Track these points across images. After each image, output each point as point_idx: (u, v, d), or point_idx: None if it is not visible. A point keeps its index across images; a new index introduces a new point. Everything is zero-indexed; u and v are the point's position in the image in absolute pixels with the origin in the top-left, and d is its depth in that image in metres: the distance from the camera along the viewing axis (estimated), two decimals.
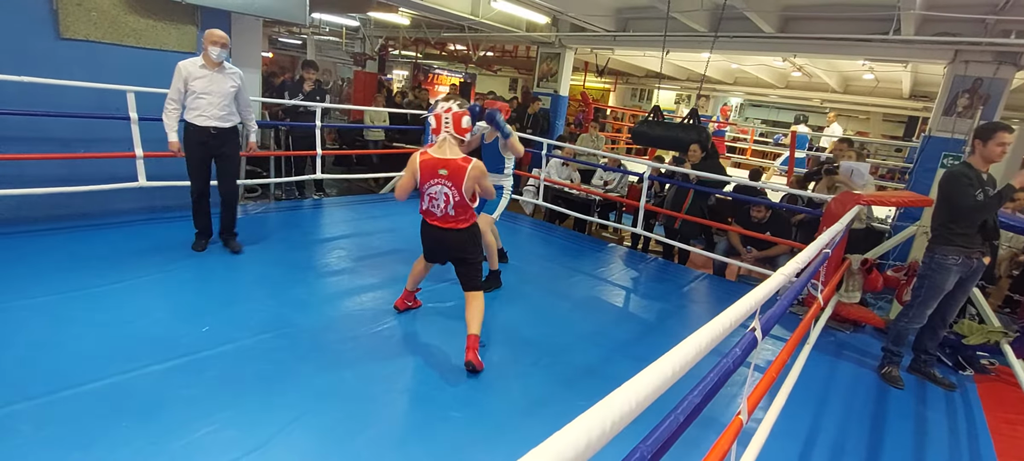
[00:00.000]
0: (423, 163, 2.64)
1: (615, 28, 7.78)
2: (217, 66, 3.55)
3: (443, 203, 2.63)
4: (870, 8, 5.70)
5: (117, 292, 3.04)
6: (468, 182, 2.58)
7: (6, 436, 1.88)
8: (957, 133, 5.49)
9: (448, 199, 2.62)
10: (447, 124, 2.62)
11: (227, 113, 3.64)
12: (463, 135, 2.66)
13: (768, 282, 1.56)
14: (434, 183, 2.63)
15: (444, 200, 2.63)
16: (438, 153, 2.61)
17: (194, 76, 3.48)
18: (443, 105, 2.65)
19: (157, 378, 2.31)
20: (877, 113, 13.22)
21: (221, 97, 3.58)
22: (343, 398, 2.34)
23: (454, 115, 2.62)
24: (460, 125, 2.63)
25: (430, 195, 2.66)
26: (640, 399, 0.76)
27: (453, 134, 2.64)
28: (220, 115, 3.60)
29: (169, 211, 4.60)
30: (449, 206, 2.64)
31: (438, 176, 2.60)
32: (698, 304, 4.30)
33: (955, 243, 3.01)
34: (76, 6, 3.92)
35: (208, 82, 3.51)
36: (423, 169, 2.64)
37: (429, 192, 2.66)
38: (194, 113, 3.54)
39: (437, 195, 2.63)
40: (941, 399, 3.14)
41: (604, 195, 6.15)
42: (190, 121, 3.56)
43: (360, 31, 12.12)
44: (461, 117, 2.63)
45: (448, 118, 2.62)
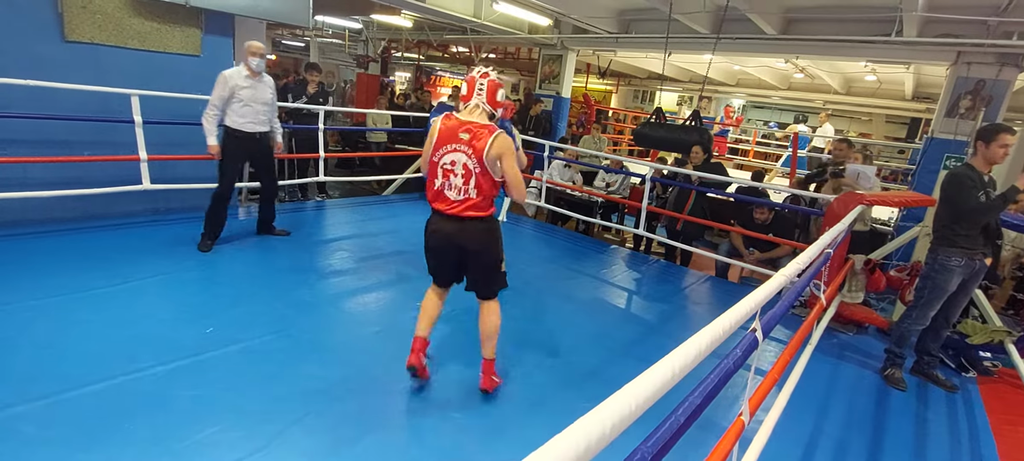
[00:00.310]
0: (444, 126, 2.18)
1: (617, 30, 7.78)
2: (257, 75, 3.82)
3: (462, 179, 2.15)
4: (872, 10, 5.70)
5: (121, 294, 3.06)
6: (491, 152, 2.11)
7: (10, 437, 1.89)
8: (960, 135, 5.48)
9: (468, 173, 2.13)
10: (481, 91, 2.20)
11: (268, 118, 3.96)
12: (496, 109, 2.23)
13: (769, 283, 1.56)
14: (452, 149, 2.14)
15: (463, 175, 2.14)
16: (466, 116, 2.20)
17: (241, 86, 3.74)
18: (480, 69, 2.24)
19: (161, 379, 2.32)
20: (880, 115, 13.19)
21: (263, 104, 3.87)
22: (346, 399, 2.35)
23: (490, 83, 2.20)
24: (495, 97, 2.21)
25: (445, 168, 2.17)
26: (640, 401, 0.77)
27: (485, 104, 2.21)
28: (263, 120, 3.90)
29: (172, 213, 4.62)
30: (470, 183, 2.15)
31: (458, 140, 2.13)
32: (700, 305, 4.30)
33: (958, 244, 3.01)
34: (81, 9, 3.94)
35: (252, 90, 3.78)
36: (442, 133, 2.18)
37: (444, 163, 2.17)
38: (241, 119, 3.80)
39: (454, 166, 2.15)
40: (943, 401, 3.13)
41: (606, 197, 6.16)
42: (236, 127, 3.80)
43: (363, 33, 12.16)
44: (497, 88, 2.21)
45: (483, 84, 2.20)
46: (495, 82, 2.22)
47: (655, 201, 5.60)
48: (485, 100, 2.21)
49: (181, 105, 4.35)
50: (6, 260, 3.32)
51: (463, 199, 2.19)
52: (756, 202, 4.86)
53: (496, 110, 2.24)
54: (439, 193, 2.23)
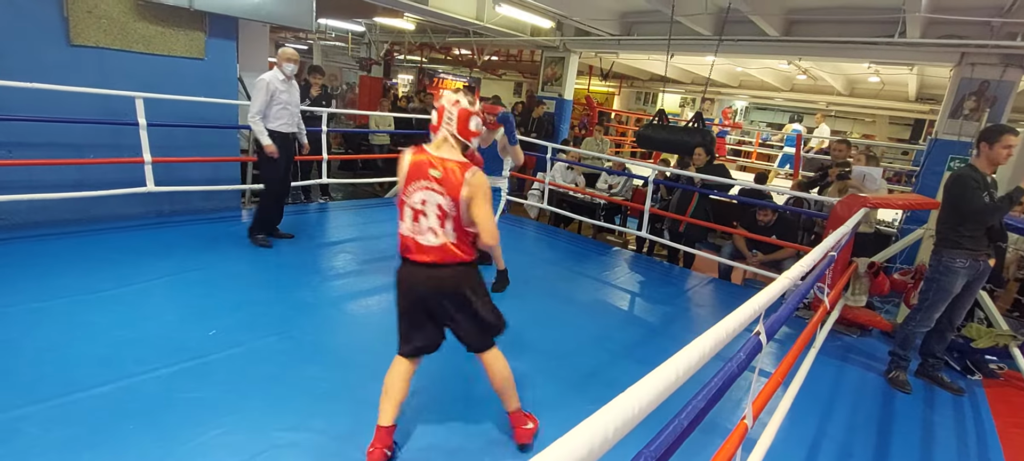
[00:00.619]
0: (413, 160, 1.93)
1: (619, 32, 7.79)
2: (290, 80, 4.05)
3: (436, 220, 1.90)
4: (875, 11, 5.69)
5: (126, 296, 3.07)
6: (464, 196, 1.87)
7: (15, 438, 1.90)
8: (964, 136, 5.46)
9: (443, 214, 1.89)
10: (450, 121, 1.96)
11: (297, 120, 4.18)
12: (469, 139, 2.00)
13: (773, 285, 1.56)
14: (421, 186, 1.90)
15: (437, 216, 1.90)
16: (435, 150, 1.95)
17: (280, 90, 3.94)
18: (450, 96, 2.00)
19: (165, 381, 2.33)
20: (883, 116, 13.15)
21: (296, 106, 4.13)
22: (349, 401, 2.35)
23: (461, 112, 1.96)
24: (467, 126, 1.97)
25: (414, 208, 1.91)
26: (643, 405, 0.77)
27: (455, 135, 1.97)
28: (295, 122, 4.14)
29: (176, 215, 4.64)
30: (444, 225, 1.90)
31: (429, 177, 1.89)
32: (703, 308, 4.29)
33: (963, 246, 3.00)
34: (86, 13, 3.97)
35: (288, 94, 4.01)
36: (411, 168, 1.93)
37: (413, 203, 1.91)
38: (279, 122, 4.00)
39: (426, 206, 1.90)
40: (949, 404, 3.12)
41: (609, 199, 6.15)
42: (274, 128, 3.99)
43: (366, 36, 12.19)
44: (469, 116, 1.97)
45: (452, 112, 1.96)
46: (466, 110, 1.97)
47: (658, 203, 5.59)
48: (455, 130, 1.96)
49: (185, 108, 4.37)
50: (12, 262, 3.33)
51: (441, 244, 1.92)
52: (759, 204, 4.85)
53: (470, 141, 2.00)
54: (410, 239, 1.94)
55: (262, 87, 3.85)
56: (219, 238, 4.35)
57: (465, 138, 1.99)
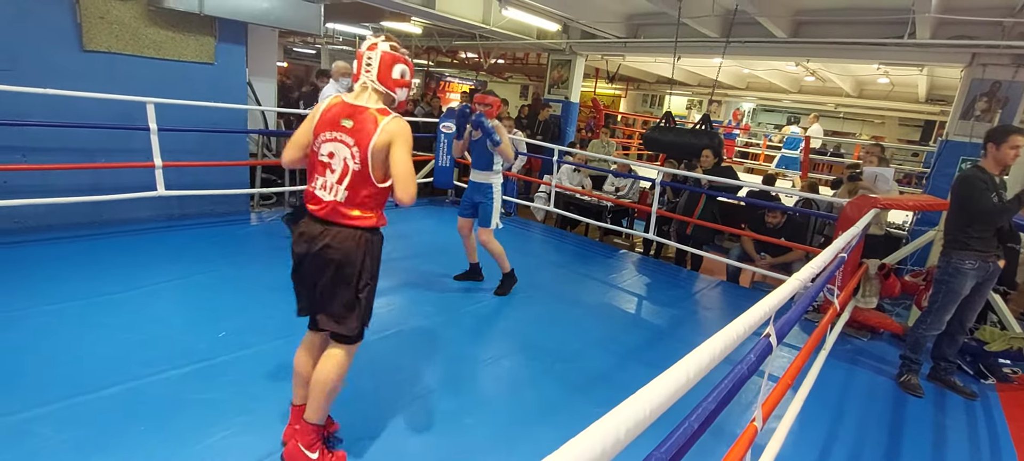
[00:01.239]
0: (328, 108, 1.76)
1: (626, 35, 7.78)
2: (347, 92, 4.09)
3: (338, 174, 1.71)
4: (884, 11, 5.65)
5: (136, 298, 3.10)
6: (377, 145, 1.68)
7: (28, 439, 1.92)
8: (975, 137, 5.40)
9: (346, 168, 1.70)
10: (369, 67, 1.75)
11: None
12: (394, 90, 1.79)
13: (783, 287, 1.55)
14: (330, 137, 1.72)
15: (341, 169, 1.71)
16: (353, 100, 1.77)
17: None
18: (370, 40, 1.78)
19: (174, 383, 2.34)
20: (893, 117, 13.04)
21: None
22: (356, 403, 2.36)
23: (383, 56, 1.74)
24: (390, 74, 1.76)
25: (322, 161, 1.74)
26: (655, 406, 0.77)
27: (376, 85, 1.76)
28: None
29: (186, 218, 4.68)
30: (344, 180, 1.71)
31: (340, 127, 1.72)
32: (711, 310, 4.27)
33: (972, 247, 2.97)
34: (99, 19, 4.02)
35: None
36: (323, 117, 1.76)
37: (322, 155, 1.74)
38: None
39: (333, 159, 1.72)
40: (961, 408, 3.08)
41: (615, 201, 6.14)
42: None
43: None
44: (393, 62, 1.76)
45: (371, 58, 1.75)
46: (390, 54, 1.75)
47: (665, 205, 5.57)
48: (375, 78, 1.75)
49: (195, 112, 4.42)
50: (25, 265, 3.38)
51: (339, 200, 1.73)
52: (767, 206, 4.82)
53: (394, 91, 1.79)
54: (311, 192, 1.78)
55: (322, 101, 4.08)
56: (228, 241, 4.39)
57: (388, 88, 1.77)
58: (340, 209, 1.74)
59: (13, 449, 1.87)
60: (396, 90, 1.80)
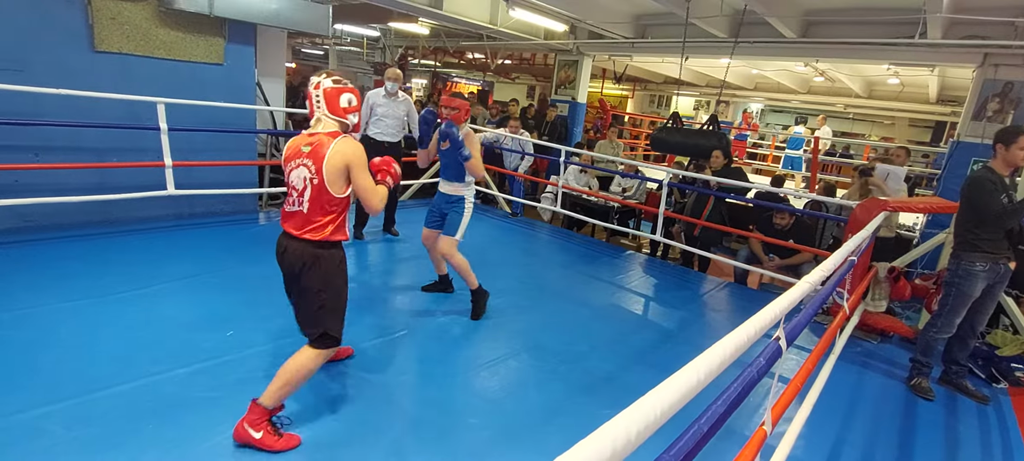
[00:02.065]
0: (291, 142, 2.04)
1: (633, 35, 7.76)
2: (393, 96, 4.57)
3: (300, 191, 1.97)
4: (895, 11, 5.59)
5: (145, 297, 3.12)
6: (331, 163, 1.92)
7: (39, 436, 1.94)
8: (987, 138, 5.32)
9: (305, 185, 1.95)
10: (318, 103, 2.02)
11: (396, 131, 4.68)
12: (345, 116, 2.05)
13: (792, 290, 1.54)
14: (296, 165, 1.98)
15: (301, 186, 1.96)
16: (310, 131, 2.05)
17: (378, 103, 4.57)
18: (313, 80, 2.05)
19: (183, 381, 2.36)
20: (903, 118, 12.93)
21: (394, 119, 4.62)
22: (362, 402, 2.36)
23: (326, 93, 2.02)
24: (337, 104, 2.03)
25: (292, 185, 2.01)
26: (665, 408, 0.76)
27: (328, 115, 2.03)
28: (392, 132, 4.64)
29: (196, 218, 4.72)
30: (305, 195, 1.96)
31: (300, 154, 1.97)
32: (718, 312, 4.24)
33: (982, 249, 2.94)
34: (110, 20, 4.06)
35: (386, 107, 4.58)
36: (288, 150, 2.03)
37: (292, 181, 2.00)
38: (376, 130, 4.60)
39: (297, 182, 1.98)
40: (973, 412, 3.04)
41: (622, 202, 6.12)
42: (371, 136, 4.58)
43: (380, 41, 12.31)
44: (338, 94, 2.03)
45: (318, 96, 2.02)
46: (333, 89, 2.02)
47: (673, 206, 5.55)
48: (326, 111, 2.02)
49: (205, 112, 4.45)
50: (37, 263, 3.42)
51: (302, 215, 1.98)
52: (776, 207, 4.79)
53: (345, 117, 2.04)
54: (283, 211, 2.06)
55: (366, 101, 4.48)
56: (237, 241, 4.42)
57: (339, 116, 2.04)
58: (302, 225, 1.99)
59: (25, 446, 1.89)
60: (346, 116, 2.06)
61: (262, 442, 1.97)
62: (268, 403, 1.98)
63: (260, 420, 1.97)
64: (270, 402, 1.98)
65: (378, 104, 4.56)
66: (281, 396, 2.00)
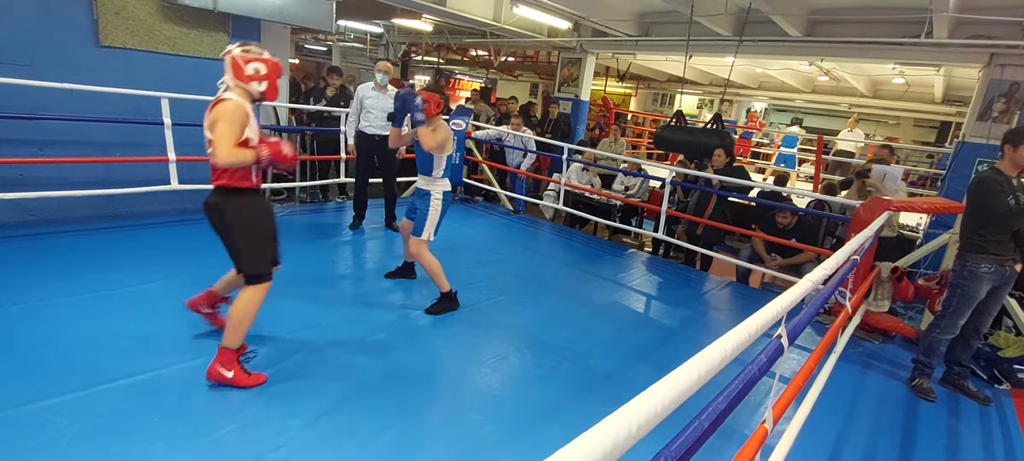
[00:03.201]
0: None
1: (637, 33, 7.75)
2: (383, 88, 4.52)
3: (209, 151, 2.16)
4: (901, 10, 5.57)
5: (150, 291, 3.14)
6: (210, 119, 2.12)
7: (45, 428, 1.96)
8: (992, 139, 5.32)
9: (207, 143, 2.16)
10: (226, 71, 2.18)
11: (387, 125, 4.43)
12: (248, 83, 2.20)
13: (794, 288, 1.54)
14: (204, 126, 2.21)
15: (206, 144, 2.17)
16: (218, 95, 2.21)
17: (367, 96, 4.52)
18: (225, 49, 2.22)
19: (187, 375, 2.38)
20: (908, 118, 12.87)
21: (383, 111, 4.47)
22: (364, 397, 2.38)
23: (232, 60, 2.18)
24: (243, 72, 2.18)
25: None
26: (667, 402, 0.77)
27: (234, 82, 2.19)
28: (384, 125, 4.48)
29: (199, 213, 4.72)
30: (209, 152, 2.14)
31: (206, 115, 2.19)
32: (720, 311, 4.25)
33: (987, 250, 2.93)
34: (115, 15, 4.07)
35: (375, 100, 4.50)
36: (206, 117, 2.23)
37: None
38: (366, 123, 4.57)
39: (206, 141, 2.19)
40: (975, 413, 3.04)
41: (625, 200, 6.12)
42: (362, 129, 4.59)
43: (384, 38, 12.30)
44: (245, 62, 2.18)
45: (226, 62, 2.19)
46: (239, 57, 2.17)
47: (675, 205, 5.55)
48: (232, 78, 2.18)
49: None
50: (42, 257, 3.44)
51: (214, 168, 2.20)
52: (778, 206, 4.78)
53: (248, 84, 2.19)
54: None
55: (355, 96, 4.58)
56: None
57: (243, 82, 2.20)
58: (212, 177, 2.23)
59: (31, 438, 1.91)
60: (250, 84, 2.21)
61: (234, 380, 2.24)
62: (231, 344, 2.27)
63: (230, 361, 2.24)
64: (230, 342, 2.26)
65: (367, 96, 4.52)
66: (239, 336, 2.28)
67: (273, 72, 2.26)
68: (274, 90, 2.29)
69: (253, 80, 2.20)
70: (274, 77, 2.26)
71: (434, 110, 3.17)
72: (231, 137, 2.12)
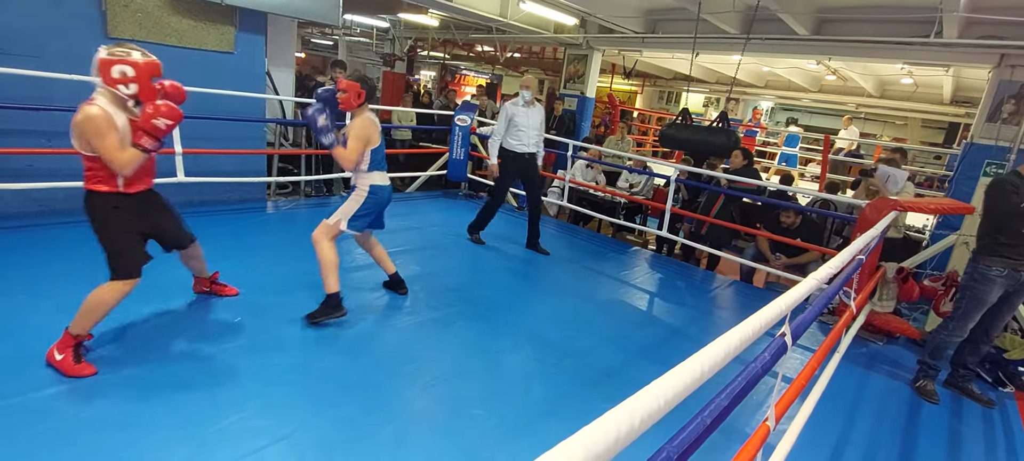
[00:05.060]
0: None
1: (644, 30, 7.71)
2: (530, 104, 4.44)
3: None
4: (910, 10, 5.52)
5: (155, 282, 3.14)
6: (74, 124, 2.12)
7: (49, 417, 1.98)
8: (1002, 140, 5.27)
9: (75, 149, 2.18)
10: (96, 74, 2.17)
11: (535, 141, 4.50)
12: (115, 86, 2.17)
13: (799, 287, 1.53)
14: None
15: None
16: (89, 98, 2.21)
17: (516, 114, 4.41)
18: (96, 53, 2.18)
19: (191, 364, 2.39)
20: (916, 119, 12.77)
21: (532, 128, 4.45)
22: (367, 391, 2.39)
23: (99, 62, 2.16)
24: (109, 74, 2.16)
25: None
26: (669, 397, 0.77)
27: (100, 84, 2.18)
28: (530, 143, 4.47)
29: (205, 205, 4.76)
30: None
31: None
32: (723, 310, 4.24)
33: (1000, 254, 2.91)
34: (123, 8, 4.09)
35: (525, 117, 4.43)
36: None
37: None
38: (514, 141, 4.45)
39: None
40: (978, 416, 3.03)
41: (629, 198, 6.11)
42: (509, 148, 4.48)
43: (390, 32, 12.30)
44: (110, 65, 2.15)
45: (95, 64, 2.17)
46: (106, 59, 2.14)
47: (679, 203, 5.53)
48: (102, 82, 2.16)
49: (215, 101, 4.47)
50: (50, 247, 3.47)
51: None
52: (785, 206, 4.76)
53: (116, 87, 2.16)
54: None
55: (503, 112, 4.44)
56: (245, 229, 4.45)
57: (110, 85, 2.17)
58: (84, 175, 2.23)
59: (34, 426, 1.92)
60: (118, 87, 2.17)
61: (61, 363, 2.20)
62: (74, 330, 2.23)
63: (66, 347, 2.22)
64: (75, 329, 2.23)
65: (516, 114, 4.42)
66: (87, 323, 2.25)
67: (144, 73, 2.21)
68: (147, 91, 2.23)
69: (120, 83, 2.17)
70: (145, 78, 2.21)
71: (354, 101, 2.86)
72: (112, 145, 2.13)
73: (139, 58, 2.20)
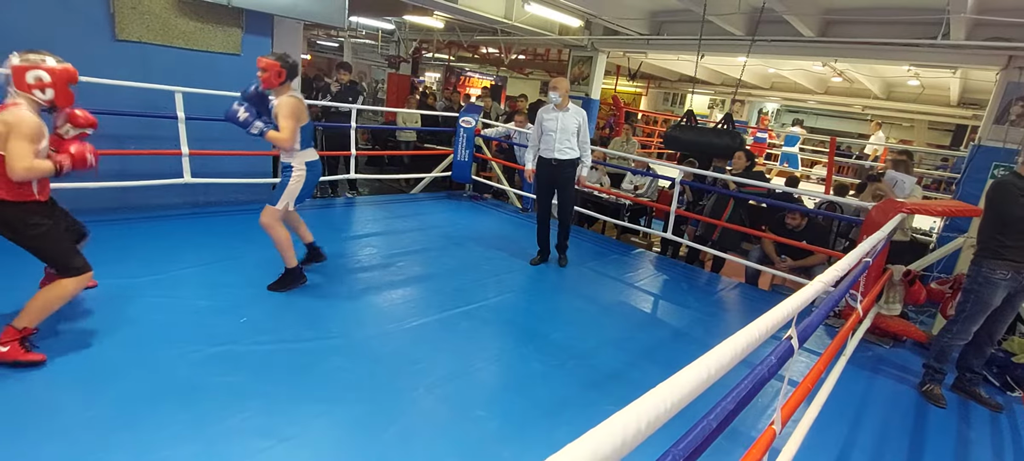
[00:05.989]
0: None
1: (649, 31, 7.71)
2: (560, 108, 4.06)
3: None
4: (917, 11, 5.50)
5: (161, 283, 3.18)
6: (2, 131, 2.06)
7: (57, 416, 2.00)
8: (1009, 142, 5.24)
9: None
10: (8, 82, 2.15)
11: (564, 146, 4.10)
12: (30, 92, 2.15)
13: (805, 290, 1.53)
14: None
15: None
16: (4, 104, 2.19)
17: (546, 118, 4.10)
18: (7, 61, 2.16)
19: (196, 366, 2.41)
20: (922, 121, 12.70)
21: (562, 132, 4.07)
22: (371, 392, 2.39)
23: (13, 70, 2.13)
24: (23, 80, 2.14)
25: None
26: (675, 400, 0.77)
27: (15, 91, 2.15)
28: (559, 148, 4.10)
29: (211, 206, 4.78)
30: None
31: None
32: (728, 312, 4.22)
33: (1004, 256, 2.88)
34: (131, 10, 4.12)
35: (554, 122, 4.08)
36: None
37: None
38: (543, 147, 4.17)
39: None
40: (986, 420, 3.00)
41: (634, 199, 6.10)
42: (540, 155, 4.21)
43: (395, 34, 12.35)
44: (22, 72, 2.13)
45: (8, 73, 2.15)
46: (19, 66, 2.12)
47: (684, 206, 5.52)
48: (13, 88, 2.13)
49: (222, 102, 4.49)
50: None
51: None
52: (790, 207, 4.74)
53: (31, 93, 2.14)
54: None
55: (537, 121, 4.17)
56: (251, 229, 4.45)
57: (25, 91, 2.14)
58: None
59: (43, 425, 1.94)
60: (33, 92, 2.16)
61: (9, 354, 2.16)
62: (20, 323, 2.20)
63: (11, 340, 2.18)
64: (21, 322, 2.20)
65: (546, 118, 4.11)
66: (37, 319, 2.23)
67: (60, 78, 2.19)
68: (64, 96, 2.22)
69: (36, 88, 2.15)
70: (61, 83, 2.19)
71: (275, 80, 2.83)
72: (27, 151, 2.08)
73: (54, 64, 2.19)
